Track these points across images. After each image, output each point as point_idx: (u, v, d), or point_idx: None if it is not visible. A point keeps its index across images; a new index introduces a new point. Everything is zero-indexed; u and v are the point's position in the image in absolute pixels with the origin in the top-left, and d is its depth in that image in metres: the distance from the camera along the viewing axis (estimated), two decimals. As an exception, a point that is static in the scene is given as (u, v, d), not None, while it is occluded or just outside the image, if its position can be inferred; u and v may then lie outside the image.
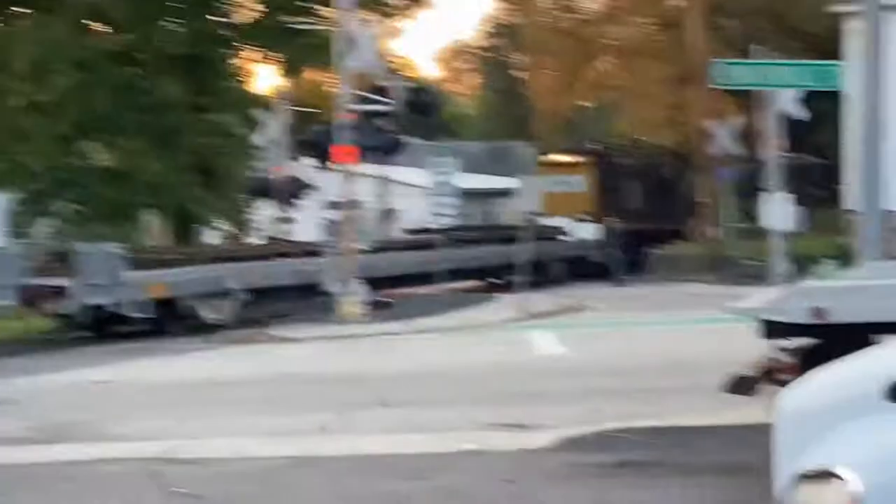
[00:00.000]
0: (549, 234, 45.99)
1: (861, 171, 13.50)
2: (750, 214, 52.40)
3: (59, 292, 28.74)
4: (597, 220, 48.46)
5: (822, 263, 40.35)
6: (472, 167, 60.34)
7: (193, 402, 17.49)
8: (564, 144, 64.72)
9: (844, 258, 43.40)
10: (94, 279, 28.48)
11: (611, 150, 59.19)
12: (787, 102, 38.44)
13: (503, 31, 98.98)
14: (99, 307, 28.77)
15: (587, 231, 47.53)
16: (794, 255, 41.17)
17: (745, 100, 54.64)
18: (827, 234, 43.93)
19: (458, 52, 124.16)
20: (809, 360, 10.14)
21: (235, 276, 31.10)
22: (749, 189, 49.55)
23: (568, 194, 49.90)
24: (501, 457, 12.30)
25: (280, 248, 35.58)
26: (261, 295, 31.72)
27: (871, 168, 13.30)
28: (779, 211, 13.78)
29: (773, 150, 41.32)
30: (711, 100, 50.39)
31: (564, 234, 48.53)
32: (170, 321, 29.68)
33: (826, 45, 45.91)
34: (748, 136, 52.10)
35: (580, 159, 53.70)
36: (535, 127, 74.03)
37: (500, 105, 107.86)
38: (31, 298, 29.12)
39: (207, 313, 30.36)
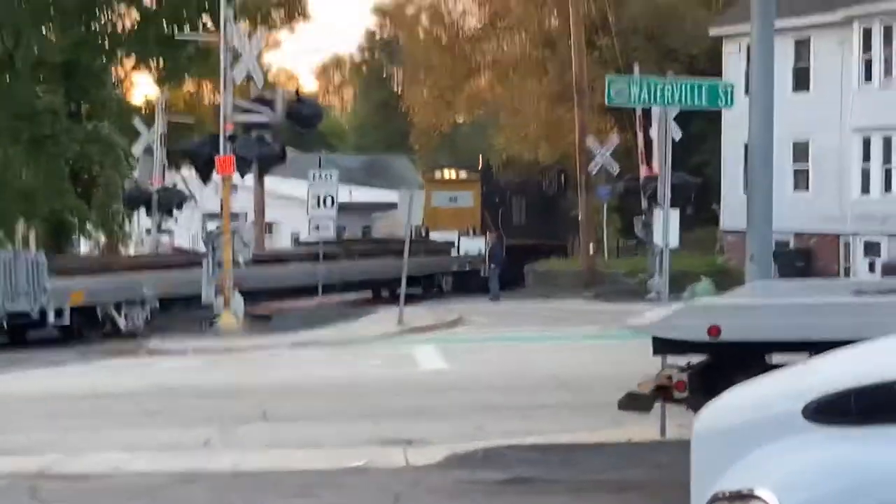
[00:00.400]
0: (439, 249, 47.97)
1: (751, 191, 13.69)
2: (627, 231, 53.11)
3: None
4: (482, 236, 49.80)
5: (699, 281, 41.11)
6: (350, 179, 60.33)
7: (74, 414, 17.17)
8: (450, 161, 65.93)
9: (720, 276, 44.31)
10: (17, 285, 28.43)
11: (495, 167, 60.25)
12: (668, 121, 39.10)
13: (381, 46, 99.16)
14: (20, 314, 28.74)
15: (474, 246, 48.55)
16: (671, 272, 41.87)
17: (619, 118, 55.44)
18: (702, 252, 44.68)
19: (336, 66, 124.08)
20: (702, 377, 10.28)
21: (150, 284, 31.54)
22: (627, 206, 50.20)
23: (456, 210, 52.21)
24: (388, 474, 12.24)
25: (190, 258, 35.34)
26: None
27: (761, 187, 13.50)
28: (665, 227, 13.89)
29: (656, 169, 42.06)
30: (589, 117, 50.94)
31: (453, 248, 49.61)
32: (86, 328, 30.03)
33: (702, 66, 46.75)
34: (625, 154, 52.78)
35: (467, 176, 55.97)
36: (413, 141, 74.19)
37: (376, 118, 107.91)
38: None
39: (123, 321, 30.69)
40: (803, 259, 40.51)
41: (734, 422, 6.05)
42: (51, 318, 29.01)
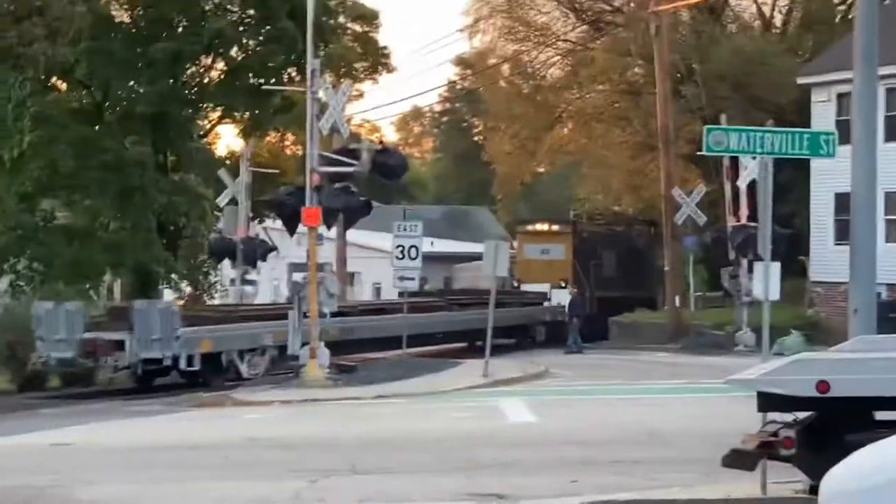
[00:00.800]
0: (532, 300, 49.09)
1: (853, 243, 13.36)
2: (713, 283, 52.53)
3: (117, 346, 30.30)
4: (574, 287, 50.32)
5: (788, 335, 40.45)
6: (431, 230, 60.32)
7: (162, 466, 17.09)
8: (531, 212, 65.78)
9: (809, 329, 43.60)
10: (152, 333, 30.02)
11: (584, 217, 60.85)
12: (756, 171, 38.66)
13: (462, 96, 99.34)
14: (154, 360, 30.38)
15: (566, 297, 48.89)
16: (757, 325, 41.29)
17: (704, 168, 55.01)
18: (791, 305, 43.99)
19: (415, 116, 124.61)
20: (810, 433, 9.97)
21: (270, 333, 32.82)
22: (714, 257, 49.66)
23: (548, 261, 52.36)
24: (482, 529, 12.00)
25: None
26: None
27: (864, 239, 13.16)
28: (765, 280, 13.56)
29: (743, 219, 41.57)
30: (674, 167, 50.57)
31: (546, 299, 50.28)
32: (211, 375, 31.38)
33: (789, 115, 46.28)
34: (710, 205, 52.32)
35: (559, 228, 55.46)
36: (494, 191, 74.08)
37: (457, 169, 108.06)
38: (91, 351, 30.71)
39: (245, 368, 32.22)
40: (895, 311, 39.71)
41: (865, 484, 5.81)
42: (182, 364, 30.56)
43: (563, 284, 51.06)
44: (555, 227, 55.92)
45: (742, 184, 40.76)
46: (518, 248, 54.15)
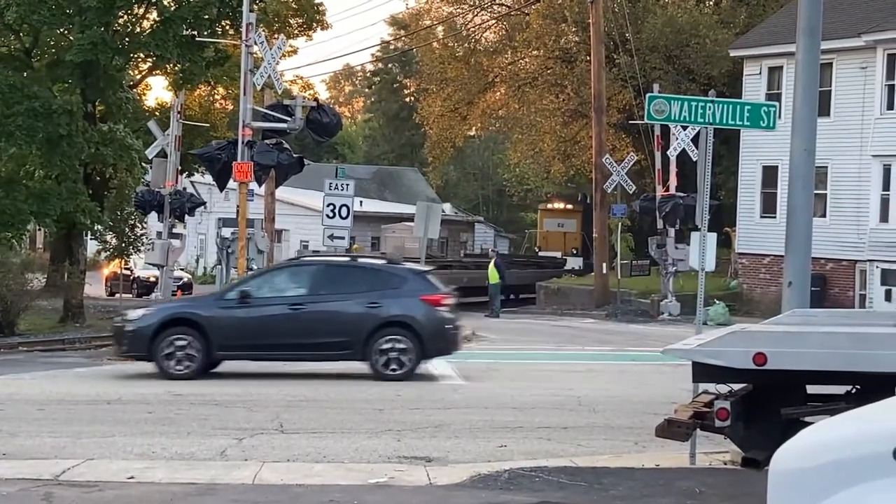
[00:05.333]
0: (552, 264, 61.73)
1: (790, 215, 13.35)
2: (641, 251, 52.87)
3: None
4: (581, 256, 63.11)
5: (713, 304, 40.79)
6: (360, 190, 60.23)
7: (85, 420, 16.86)
8: (459, 174, 72.16)
9: (732, 300, 43.98)
10: None
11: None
12: (685, 141, 38.81)
13: (395, 56, 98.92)
14: None
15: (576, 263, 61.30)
16: (681, 294, 41.61)
17: (635, 137, 55.19)
18: (715, 275, 44.34)
19: (347, 75, 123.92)
20: (744, 405, 9.97)
21: None
22: (642, 226, 49.91)
23: (562, 233, 66.32)
24: (411, 492, 11.91)
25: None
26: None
27: (802, 212, 13.17)
28: (703, 250, 13.54)
29: (672, 189, 41.76)
30: (605, 135, 50.68)
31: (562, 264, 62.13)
32: None
33: (720, 87, 46.47)
34: (639, 174, 52.52)
35: (572, 207, 68.38)
36: (425, 153, 73.98)
37: (388, 129, 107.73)
38: None
39: None
40: (818, 285, 40.14)
41: (818, 462, 5.76)
42: None
43: (575, 252, 63.84)
44: (569, 206, 68.82)
45: (672, 154, 40.91)
46: (539, 222, 70.25)
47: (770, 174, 43.90)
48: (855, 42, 40.46)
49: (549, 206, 70.81)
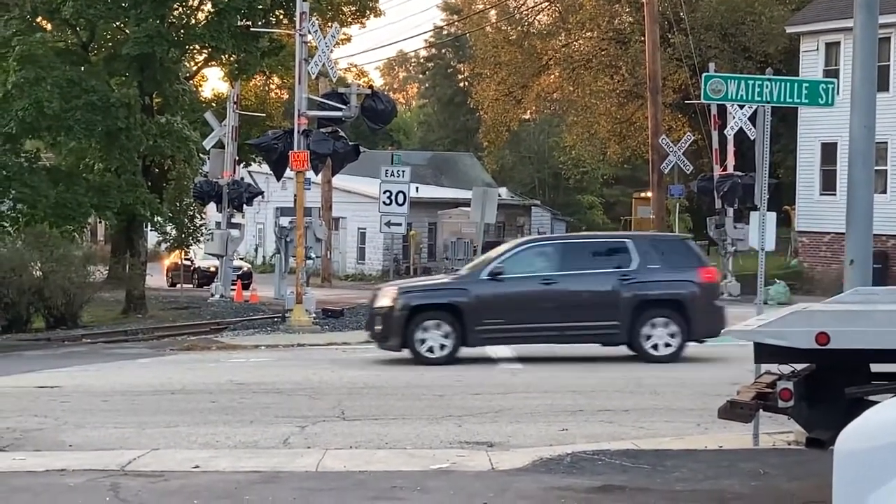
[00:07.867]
0: None
1: (851, 193, 13.23)
2: (699, 232, 52.59)
3: None
4: None
5: (773, 283, 40.50)
6: (416, 176, 60.43)
7: (149, 410, 17.01)
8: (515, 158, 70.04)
9: (792, 279, 43.65)
10: None
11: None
12: (742, 120, 38.56)
13: (448, 42, 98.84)
14: None
15: None
16: (741, 274, 41.37)
17: (692, 117, 54.88)
18: (775, 254, 44.05)
19: (401, 62, 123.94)
20: (807, 386, 9.91)
21: None
22: (699, 206, 49.63)
23: (652, 219, 63.89)
24: (473, 477, 11.92)
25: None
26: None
27: (862, 189, 13.04)
28: (762, 229, 13.46)
29: (730, 168, 41.51)
30: (661, 115, 50.43)
31: None
32: None
33: (777, 65, 46.16)
34: (696, 154, 52.24)
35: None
36: (480, 138, 73.94)
37: (442, 115, 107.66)
38: None
39: None
40: (880, 262, 39.80)
41: (884, 441, 5.73)
42: None
43: None
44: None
45: (729, 133, 40.68)
46: (633, 209, 69.70)
47: (829, 151, 43.55)
48: (915, 15, 40.01)
49: (643, 194, 70.24)
